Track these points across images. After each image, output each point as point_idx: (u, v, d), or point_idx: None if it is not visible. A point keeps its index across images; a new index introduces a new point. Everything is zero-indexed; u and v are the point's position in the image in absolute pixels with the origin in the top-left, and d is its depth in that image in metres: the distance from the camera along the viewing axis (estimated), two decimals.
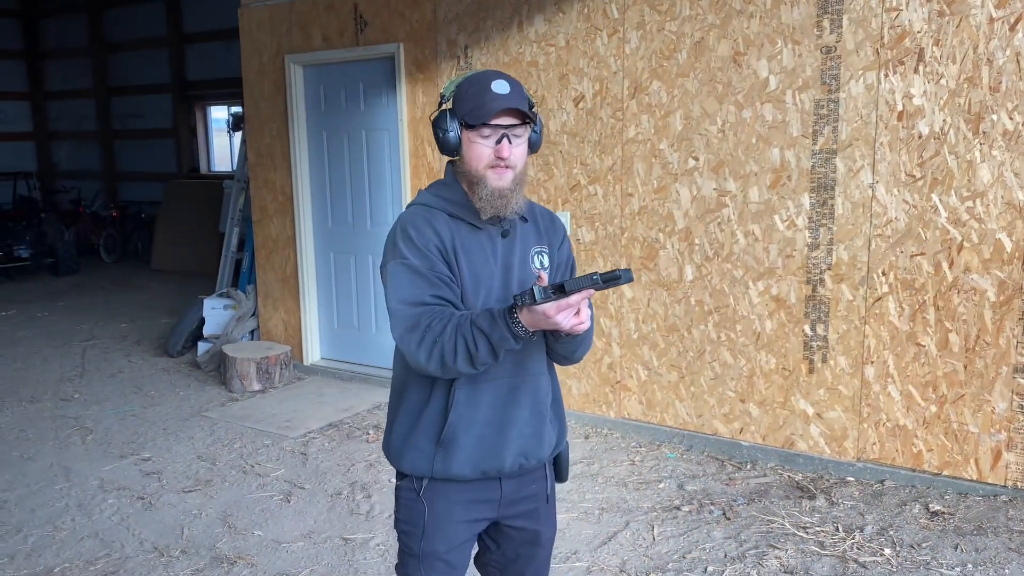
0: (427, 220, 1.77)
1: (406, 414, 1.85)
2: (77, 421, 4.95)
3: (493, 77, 1.76)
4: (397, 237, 1.76)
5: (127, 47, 12.13)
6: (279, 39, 5.58)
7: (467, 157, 1.77)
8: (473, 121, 1.72)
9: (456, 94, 1.77)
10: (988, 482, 3.51)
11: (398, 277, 1.72)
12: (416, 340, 1.66)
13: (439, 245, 1.74)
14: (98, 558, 3.31)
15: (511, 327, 1.59)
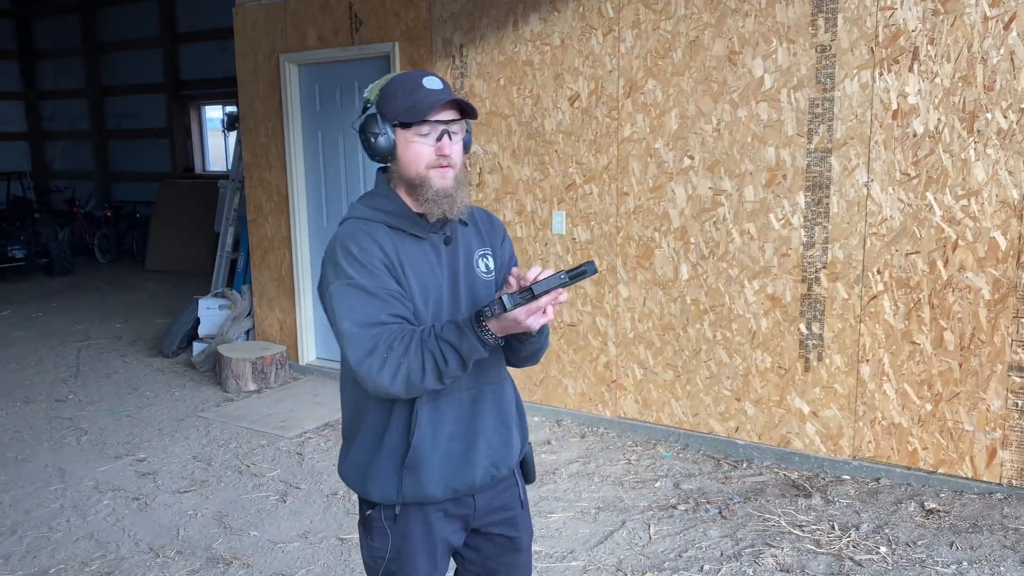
0: (368, 234, 1.66)
1: (364, 440, 1.75)
2: (72, 422, 4.93)
3: (422, 75, 1.70)
4: (338, 255, 1.64)
5: (120, 47, 12.10)
6: (274, 38, 5.57)
7: (405, 159, 1.68)
8: (411, 119, 1.64)
9: (383, 95, 1.68)
10: (983, 480, 3.52)
11: (346, 298, 1.61)
12: (377, 364, 1.56)
13: (384, 260, 1.64)
14: (93, 559, 3.31)
15: (480, 336, 1.54)
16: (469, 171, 4.79)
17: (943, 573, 2.92)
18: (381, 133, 1.67)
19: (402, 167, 1.69)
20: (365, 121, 1.69)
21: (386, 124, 1.67)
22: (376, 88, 1.71)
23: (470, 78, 4.71)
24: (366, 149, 1.71)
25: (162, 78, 11.63)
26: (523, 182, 4.61)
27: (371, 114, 1.69)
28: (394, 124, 1.66)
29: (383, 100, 1.67)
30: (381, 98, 1.68)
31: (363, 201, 1.74)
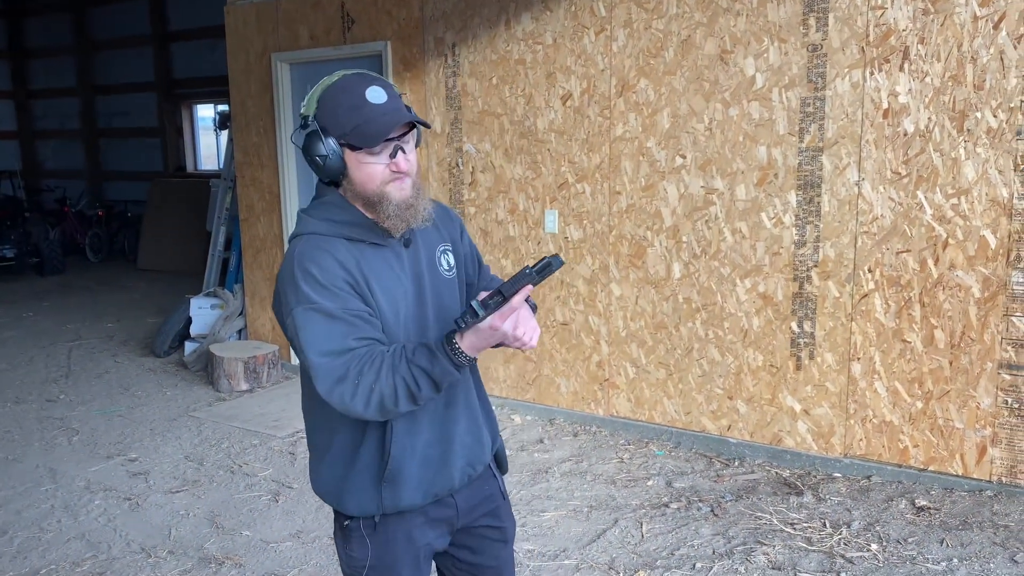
0: (327, 252, 1.56)
1: (338, 454, 1.69)
2: (63, 422, 4.91)
3: (362, 83, 1.56)
4: (297, 278, 1.54)
5: (112, 45, 12.05)
6: (265, 37, 5.56)
7: (357, 179, 1.57)
8: (361, 144, 1.53)
9: (322, 109, 1.55)
10: (973, 477, 3.53)
11: (310, 325, 1.52)
12: (349, 392, 1.49)
13: (347, 279, 1.55)
14: (84, 559, 3.30)
15: (453, 358, 1.49)
16: (462, 170, 4.80)
17: (933, 570, 2.94)
18: (328, 154, 1.55)
19: (356, 186, 1.59)
20: (307, 141, 1.57)
21: (330, 142, 1.55)
22: (312, 100, 1.58)
23: (462, 77, 4.71)
24: (313, 169, 1.60)
25: (153, 77, 11.59)
26: (515, 181, 4.61)
27: (311, 131, 1.56)
28: (340, 143, 1.55)
29: (323, 114, 1.55)
30: (320, 112, 1.56)
31: (314, 213, 1.63)
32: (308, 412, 1.75)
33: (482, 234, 4.78)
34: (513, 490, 3.77)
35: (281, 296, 1.58)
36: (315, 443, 1.76)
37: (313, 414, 1.73)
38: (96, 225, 11.28)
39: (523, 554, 3.20)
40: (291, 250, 1.60)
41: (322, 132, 1.55)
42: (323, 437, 1.72)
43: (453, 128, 4.80)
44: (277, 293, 1.61)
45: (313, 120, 1.56)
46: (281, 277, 1.59)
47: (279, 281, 1.60)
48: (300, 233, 1.62)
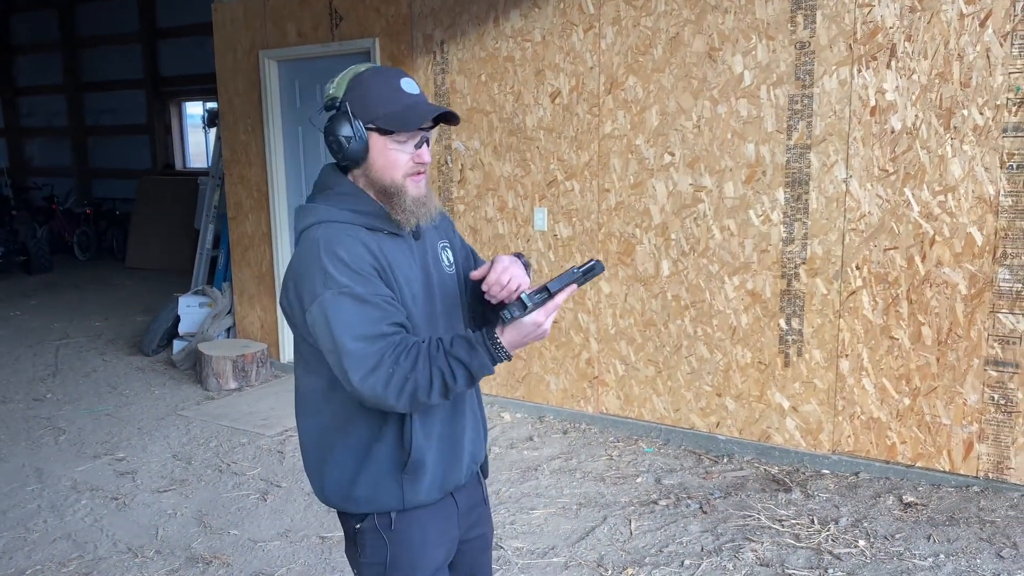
0: (352, 237, 1.54)
1: (347, 454, 1.63)
2: (50, 421, 4.88)
3: (396, 74, 1.59)
4: (324, 262, 1.49)
5: (99, 42, 11.97)
6: (253, 34, 5.53)
7: (379, 166, 1.58)
8: (396, 127, 1.54)
9: (353, 93, 1.57)
10: (960, 473, 3.55)
11: (342, 310, 1.47)
12: (382, 381, 1.46)
13: (375, 264, 1.53)
14: (71, 559, 3.28)
15: (493, 352, 1.48)
16: (451, 167, 4.79)
17: (920, 566, 2.95)
18: (354, 136, 1.55)
19: (375, 172, 1.59)
20: (334, 121, 1.56)
21: (358, 125, 1.55)
22: (343, 84, 1.59)
23: (451, 74, 4.70)
24: (333, 151, 1.59)
25: (141, 74, 11.52)
26: (505, 178, 4.61)
27: (342, 113, 1.56)
28: (368, 127, 1.56)
29: (353, 98, 1.56)
30: (351, 96, 1.57)
31: (331, 202, 1.60)
32: (312, 411, 1.67)
33: (471, 232, 4.77)
34: (503, 488, 3.77)
35: (301, 284, 1.53)
36: (319, 443, 1.67)
37: (319, 412, 1.66)
38: (84, 223, 11.21)
39: (512, 552, 3.19)
40: (310, 237, 1.56)
41: (350, 115, 1.55)
42: (330, 436, 1.65)
43: (442, 126, 4.78)
44: (293, 282, 1.55)
45: (341, 102, 1.57)
46: (301, 264, 1.54)
47: (297, 269, 1.55)
48: (318, 221, 1.57)
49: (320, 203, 1.61)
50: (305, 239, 1.57)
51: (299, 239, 1.61)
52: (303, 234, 1.59)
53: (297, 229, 1.63)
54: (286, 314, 1.62)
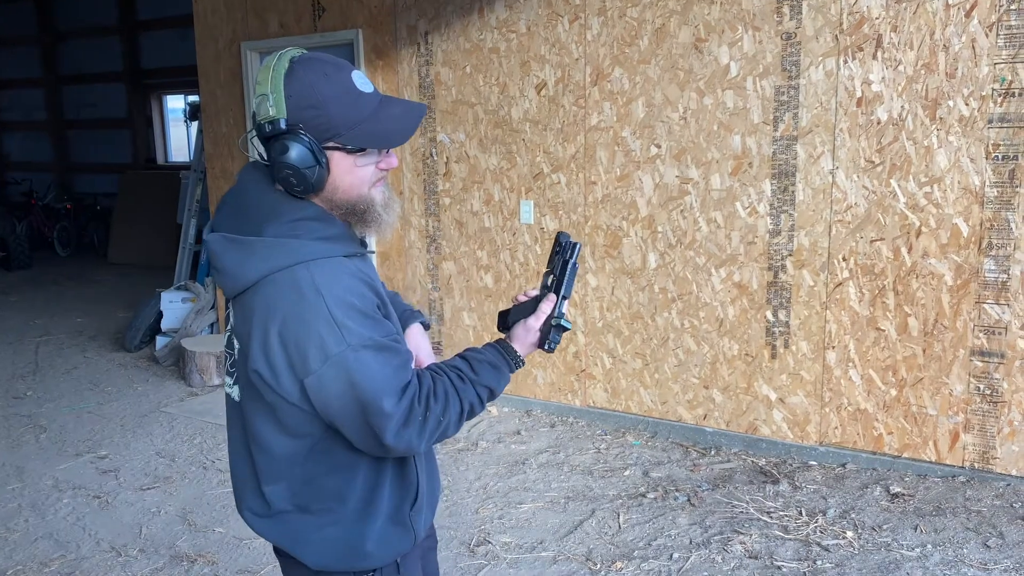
0: (349, 274, 1.31)
1: (351, 507, 1.41)
2: (31, 419, 4.82)
3: (340, 69, 1.30)
4: (334, 312, 1.25)
5: (78, 35, 11.81)
6: (235, 26, 5.46)
7: (344, 186, 1.33)
8: (375, 144, 1.32)
9: (303, 107, 1.27)
10: (946, 463, 3.56)
11: (368, 366, 1.26)
12: (415, 433, 1.30)
13: (376, 301, 1.34)
14: (52, 559, 3.23)
15: (515, 366, 1.42)
16: (436, 160, 4.75)
17: (908, 556, 2.95)
18: (318, 163, 1.29)
19: (340, 195, 1.35)
20: (283, 148, 1.27)
21: (314, 148, 1.28)
22: (278, 95, 1.27)
23: (435, 66, 4.66)
24: (291, 184, 1.29)
25: (121, 67, 11.38)
26: (490, 171, 4.58)
27: (293, 137, 1.27)
28: (329, 146, 1.30)
29: (305, 115, 1.28)
30: (298, 111, 1.28)
31: (298, 233, 1.30)
32: (285, 475, 1.40)
33: (457, 225, 4.74)
34: (490, 482, 3.75)
35: (301, 343, 1.26)
36: (303, 508, 1.42)
37: (295, 476, 1.40)
38: (64, 218, 11.07)
39: (500, 547, 3.18)
40: (294, 283, 1.27)
41: (305, 137, 1.28)
42: (320, 497, 1.41)
43: (427, 118, 4.75)
44: (280, 342, 1.27)
45: (283, 122, 1.28)
46: (295, 319, 1.26)
47: (289, 326, 1.27)
48: (298, 261, 1.28)
49: (282, 236, 1.30)
50: (284, 285, 1.28)
51: (263, 286, 1.29)
52: (273, 279, 1.28)
53: (248, 274, 1.30)
54: (255, 378, 1.33)
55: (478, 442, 4.23)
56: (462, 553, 3.15)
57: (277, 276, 1.28)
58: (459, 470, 3.90)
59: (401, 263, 5.01)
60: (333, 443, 1.38)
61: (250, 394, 1.39)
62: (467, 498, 3.61)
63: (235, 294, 1.35)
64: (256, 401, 1.38)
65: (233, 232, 1.34)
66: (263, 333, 1.29)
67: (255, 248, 1.30)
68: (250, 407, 1.41)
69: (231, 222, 1.36)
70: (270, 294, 1.29)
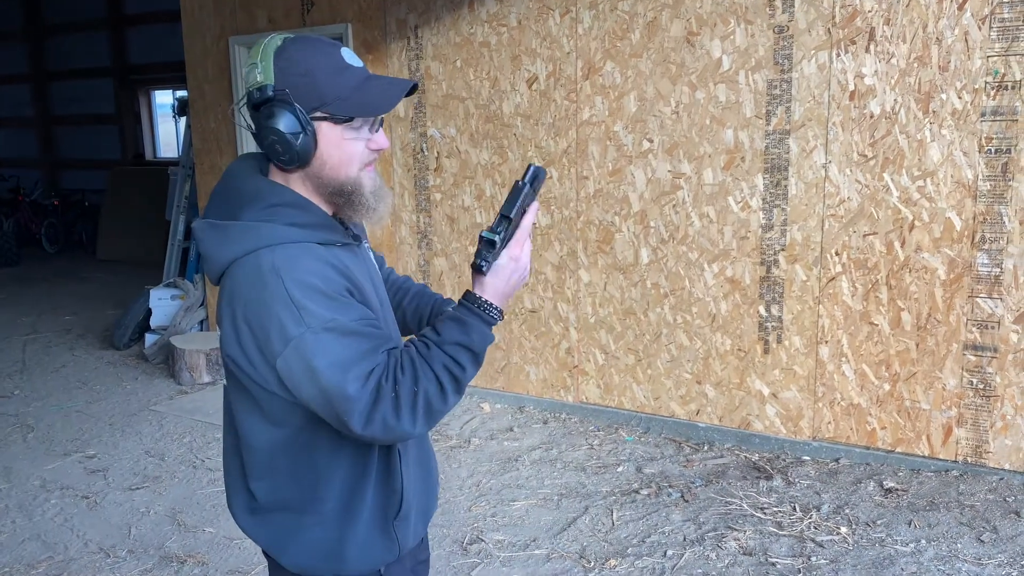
0: (316, 258, 1.27)
1: (332, 508, 1.38)
2: (18, 418, 4.77)
3: (329, 45, 1.31)
4: (293, 293, 1.22)
5: (65, 30, 11.70)
6: (223, 20, 5.41)
7: (333, 162, 1.31)
8: (361, 112, 1.28)
9: (292, 75, 1.27)
10: (940, 458, 3.56)
11: (330, 349, 1.21)
12: (390, 411, 1.23)
13: (346, 285, 1.29)
14: (40, 561, 3.19)
15: (484, 315, 1.30)
16: (427, 155, 4.71)
17: (902, 551, 2.95)
18: (304, 131, 1.27)
19: (328, 171, 1.32)
20: (271, 114, 1.26)
21: (300, 115, 1.27)
22: (267, 64, 1.28)
23: (426, 60, 4.62)
24: (276, 152, 1.29)
25: (109, 62, 11.28)
26: (482, 166, 4.54)
27: (281, 103, 1.27)
28: (316, 116, 1.28)
29: (293, 81, 1.27)
30: (287, 78, 1.27)
31: (272, 218, 1.29)
32: (268, 471, 1.38)
33: (448, 221, 4.71)
34: (483, 479, 3.73)
35: (264, 327, 1.24)
36: (285, 506, 1.40)
37: (280, 470, 1.38)
38: (52, 215, 10.97)
39: (493, 545, 3.16)
40: (258, 266, 1.25)
41: (291, 104, 1.26)
42: (302, 494, 1.38)
43: (417, 112, 4.71)
44: (248, 326, 1.26)
45: (270, 88, 1.27)
46: (257, 302, 1.24)
47: (252, 309, 1.25)
48: (264, 245, 1.26)
49: (256, 220, 1.29)
50: (249, 269, 1.26)
51: (232, 270, 1.29)
52: (241, 263, 1.27)
53: (222, 258, 1.30)
54: (232, 366, 1.32)
55: (470, 439, 4.21)
56: (455, 551, 3.13)
57: (244, 259, 1.27)
58: (451, 467, 3.88)
59: (392, 259, 4.97)
60: (315, 435, 1.35)
61: (231, 383, 1.38)
62: (460, 496, 3.58)
63: (216, 280, 1.34)
64: (238, 391, 1.37)
65: (218, 218, 1.33)
66: (232, 317, 1.29)
67: (230, 232, 1.30)
68: (232, 397, 1.40)
69: (215, 209, 1.35)
70: (237, 278, 1.28)
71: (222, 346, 1.34)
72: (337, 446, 1.36)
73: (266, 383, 1.30)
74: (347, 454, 1.37)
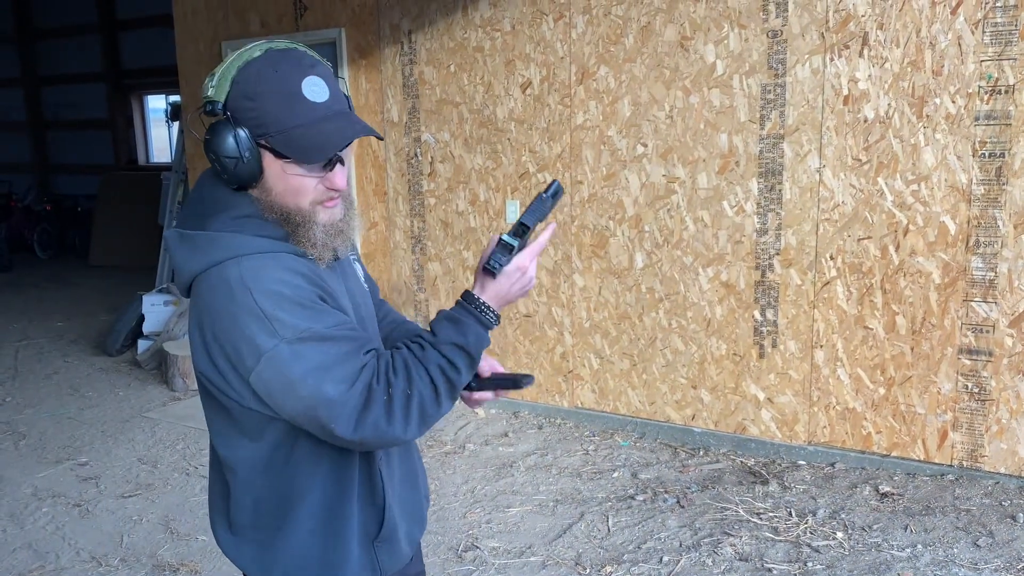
0: (285, 267, 1.23)
1: (310, 525, 1.33)
2: (9, 426, 4.73)
3: (297, 71, 1.22)
4: (262, 305, 1.18)
5: (57, 34, 11.66)
6: (216, 26, 5.39)
7: (280, 191, 1.24)
8: (293, 156, 1.21)
9: (238, 96, 1.21)
10: (935, 462, 3.55)
11: (306, 358, 1.17)
12: (382, 415, 1.19)
13: (318, 292, 1.24)
14: (31, 570, 3.16)
15: (481, 317, 1.27)
16: (421, 160, 4.70)
17: (898, 556, 2.94)
18: (240, 157, 1.21)
19: (274, 197, 1.26)
20: (213, 132, 1.22)
21: (243, 138, 1.21)
22: (224, 80, 1.22)
23: (419, 65, 4.61)
24: (216, 171, 1.25)
25: (101, 67, 11.25)
26: (476, 171, 4.53)
27: (223, 124, 1.22)
28: (260, 143, 1.22)
29: (238, 104, 1.22)
30: (235, 99, 1.22)
31: (241, 228, 1.25)
32: (248, 487, 1.33)
33: (442, 226, 4.69)
34: (478, 486, 3.71)
35: (233, 341, 1.20)
36: (259, 524, 1.35)
37: (256, 486, 1.33)
38: (44, 220, 10.92)
39: (488, 552, 3.14)
40: (224, 278, 1.21)
41: (234, 124, 1.21)
42: (281, 511, 1.33)
43: (411, 117, 4.70)
44: (216, 341, 1.22)
45: (220, 106, 1.22)
46: (224, 315, 1.20)
47: (219, 324, 1.21)
48: (231, 256, 1.22)
49: (223, 230, 1.25)
50: (216, 281, 1.22)
51: (199, 282, 1.25)
52: (207, 275, 1.24)
53: (190, 269, 1.26)
54: (205, 382, 1.28)
55: (465, 445, 4.19)
56: (450, 559, 3.11)
57: (211, 272, 1.23)
58: (446, 474, 3.86)
59: (386, 264, 4.96)
60: (292, 450, 1.31)
61: (206, 400, 1.34)
62: (454, 502, 3.57)
63: (185, 291, 1.31)
64: (212, 407, 1.33)
65: (188, 228, 1.29)
66: (201, 333, 1.25)
67: (198, 243, 1.26)
68: (207, 413, 1.36)
69: (186, 219, 1.32)
70: (204, 291, 1.24)
71: (194, 362, 1.29)
72: (316, 461, 1.31)
73: (241, 399, 1.26)
74: (326, 470, 1.32)
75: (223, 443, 1.34)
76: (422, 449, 4.14)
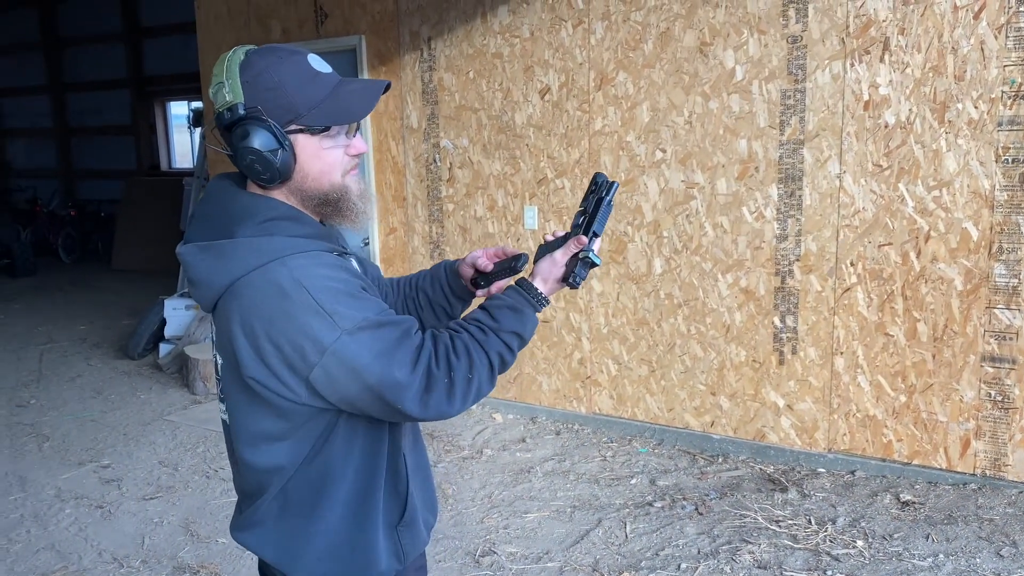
0: (330, 265, 1.26)
1: (343, 512, 1.36)
2: (34, 428, 4.80)
3: (295, 53, 1.28)
4: (321, 301, 1.21)
5: (82, 42, 11.83)
6: (237, 32, 5.45)
7: (315, 173, 1.29)
8: (336, 120, 1.27)
9: (260, 90, 1.24)
10: (957, 471, 3.52)
11: (368, 346, 1.21)
12: (443, 396, 1.25)
13: (359, 282, 1.28)
14: (54, 571, 3.20)
15: (538, 305, 1.37)
16: (440, 166, 4.72)
17: (920, 566, 2.91)
18: (279, 147, 1.24)
19: (311, 182, 1.30)
20: (246, 133, 1.23)
21: (278, 128, 1.24)
22: (234, 82, 1.25)
23: (439, 71, 4.63)
24: (257, 172, 1.26)
25: (125, 74, 11.40)
26: (494, 177, 4.55)
27: (254, 120, 1.24)
28: (291, 129, 1.26)
29: (262, 97, 1.24)
30: (256, 94, 1.24)
31: (272, 232, 1.26)
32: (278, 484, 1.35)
33: (460, 231, 4.71)
34: (495, 491, 3.72)
35: (294, 340, 1.21)
36: (292, 511, 1.37)
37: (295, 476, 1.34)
38: (69, 225, 11.07)
39: (506, 557, 3.14)
40: (272, 280, 1.22)
41: (265, 120, 1.24)
42: (311, 496, 1.35)
43: (430, 123, 4.73)
44: (272, 343, 1.22)
45: (242, 106, 1.24)
46: (281, 316, 1.21)
47: (276, 325, 1.22)
48: (273, 259, 1.24)
49: (264, 236, 1.26)
50: (262, 284, 1.23)
51: (239, 289, 1.24)
52: (248, 280, 1.24)
53: (220, 279, 1.26)
54: (257, 387, 1.27)
55: (483, 450, 4.20)
56: (467, 564, 3.12)
57: (252, 276, 1.24)
58: (464, 479, 3.87)
59: (405, 269, 4.98)
60: (327, 443, 1.33)
61: (238, 402, 1.34)
62: (472, 507, 3.57)
63: (212, 304, 1.30)
64: (255, 409, 1.31)
65: (206, 240, 1.29)
66: (251, 338, 1.24)
67: (226, 251, 1.26)
68: (239, 415, 1.35)
69: (202, 232, 1.31)
70: (249, 296, 1.24)
71: (240, 368, 1.27)
72: (348, 451, 1.34)
73: (296, 396, 1.27)
74: (357, 460, 1.36)
75: (261, 441, 1.34)
76: (439, 454, 4.15)
